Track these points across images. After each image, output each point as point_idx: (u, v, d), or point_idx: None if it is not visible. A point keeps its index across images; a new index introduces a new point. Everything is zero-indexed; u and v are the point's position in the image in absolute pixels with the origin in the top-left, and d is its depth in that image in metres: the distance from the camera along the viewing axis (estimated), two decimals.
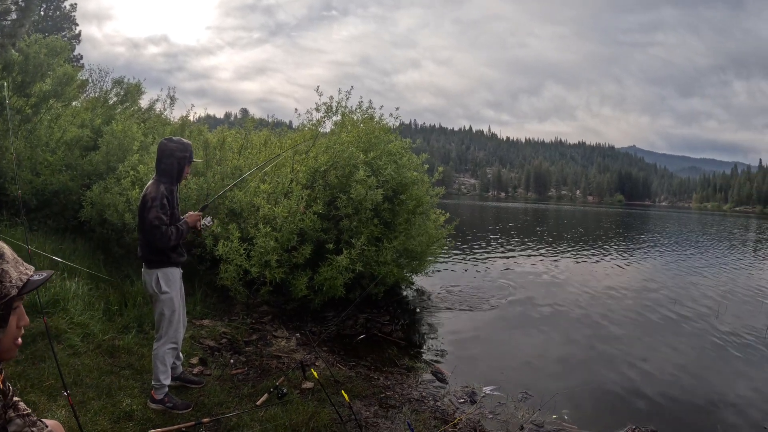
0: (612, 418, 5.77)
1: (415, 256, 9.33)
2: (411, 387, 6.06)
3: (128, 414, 4.27)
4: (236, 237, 7.29)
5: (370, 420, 4.95)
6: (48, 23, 34.70)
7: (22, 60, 10.54)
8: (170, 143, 4.40)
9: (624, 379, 6.99)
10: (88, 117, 11.84)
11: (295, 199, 7.68)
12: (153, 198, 4.22)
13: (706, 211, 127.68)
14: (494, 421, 5.48)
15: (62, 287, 6.31)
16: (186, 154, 4.42)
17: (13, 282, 1.55)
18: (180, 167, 4.41)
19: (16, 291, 1.55)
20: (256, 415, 4.56)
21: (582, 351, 8.20)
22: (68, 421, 3.87)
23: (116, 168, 9.10)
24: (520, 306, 10.81)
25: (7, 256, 1.58)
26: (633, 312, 10.83)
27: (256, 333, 7.06)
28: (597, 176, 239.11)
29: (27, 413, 1.99)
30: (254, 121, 10.94)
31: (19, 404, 1.99)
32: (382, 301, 9.27)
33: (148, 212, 4.20)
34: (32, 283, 1.61)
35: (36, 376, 4.56)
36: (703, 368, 7.68)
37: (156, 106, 13.75)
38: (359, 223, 8.18)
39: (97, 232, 8.88)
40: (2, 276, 1.54)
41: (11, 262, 1.59)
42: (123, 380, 4.86)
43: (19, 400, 2.01)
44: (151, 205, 4.20)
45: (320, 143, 9.16)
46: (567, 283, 13.80)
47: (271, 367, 5.92)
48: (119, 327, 6.17)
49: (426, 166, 10.19)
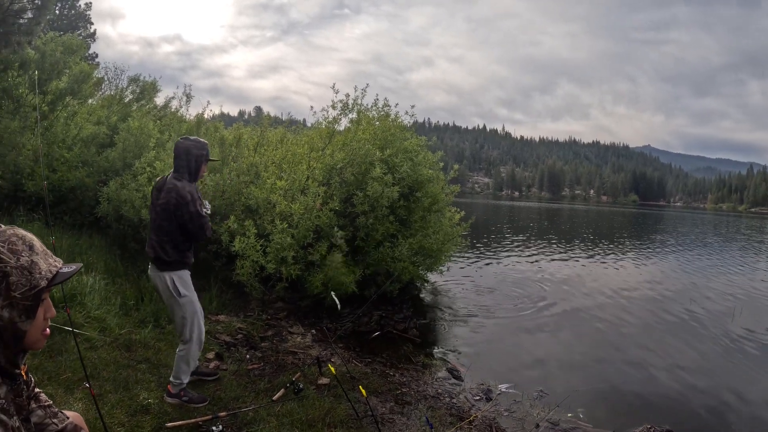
0: (627, 417, 5.72)
1: (430, 253, 9.29)
2: (426, 384, 6.03)
3: (145, 407, 4.27)
4: (252, 233, 7.28)
5: (386, 416, 4.92)
6: (63, 22, 34.94)
7: (38, 58, 10.62)
8: (186, 141, 4.37)
9: (639, 379, 6.94)
10: (104, 114, 11.90)
11: (311, 195, 7.67)
12: (190, 193, 4.22)
13: (722, 212, 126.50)
14: (510, 418, 5.45)
15: (79, 282, 6.33)
16: (203, 152, 4.39)
17: (43, 273, 1.56)
18: (197, 165, 4.38)
19: (45, 282, 1.56)
20: (272, 410, 4.55)
21: (597, 350, 8.13)
22: (85, 414, 3.87)
23: (132, 164, 9.13)
24: (535, 305, 10.73)
25: (36, 247, 1.59)
26: (648, 312, 10.72)
27: (271, 329, 7.05)
28: (611, 176, 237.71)
29: (48, 404, 2.00)
30: (270, 119, 10.94)
31: (41, 395, 2.00)
32: (397, 298, 9.25)
33: (190, 207, 4.19)
34: (61, 275, 1.62)
35: (53, 368, 4.58)
36: (719, 369, 7.59)
37: (172, 104, 13.80)
38: (375, 220, 8.16)
39: (113, 227, 8.91)
40: (32, 267, 1.54)
41: (41, 253, 1.60)
42: (140, 374, 4.86)
43: (41, 392, 2.01)
44: (191, 199, 4.21)
45: (336, 140, 9.15)
46: (582, 282, 13.69)
47: (286, 362, 5.91)
48: (136, 321, 6.19)
49: (441, 164, 10.15)
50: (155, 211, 4.32)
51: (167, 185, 4.28)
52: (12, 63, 10.33)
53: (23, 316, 1.53)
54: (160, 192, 4.34)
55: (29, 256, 1.55)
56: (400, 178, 8.39)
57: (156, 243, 4.25)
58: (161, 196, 4.27)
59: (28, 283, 1.52)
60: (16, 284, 1.50)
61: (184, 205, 4.18)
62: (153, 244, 4.26)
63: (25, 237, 1.59)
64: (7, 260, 1.50)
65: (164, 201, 4.22)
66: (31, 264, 1.54)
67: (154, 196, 4.41)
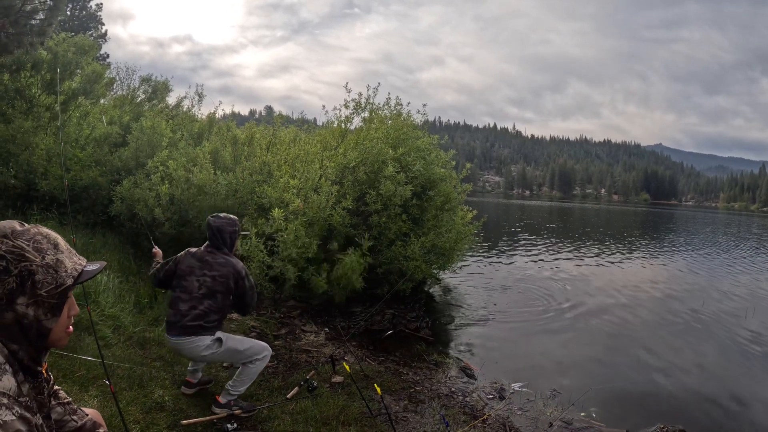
0: (640, 417, 5.69)
1: (442, 252, 9.26)
2: (440, 382, 6.02)
3: (160, 405, 4.27)
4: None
5: (400, 414, 4.91)
6: (74, 23, 35.16)
7: (50, 58, 10.68)
8: (218, 221, 4.48)
9: (652, 379, 6.90)
10: (116, 114, 11.96)
11: (324, 194, 7.66)
12: (244, 268, 4.43)
13: (733, 211, 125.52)
14: (523, 417, 5.44)
15: (93, 280, 6.34)
16: (236, 228, 4.54)
17: (69, 272, 1.57)
18: (232, 242, 4.53)
19: (71, 280, 1.57)
20: (286, 408, 4.55)
21: (610, 350, 8.08)
22: (101, 411, 3.87)
23: (145, 164, 9.16)
24: (548, 304, 10.68)
25: (61, 246, 1.60)
26: (660, 312, 10.65)
27: (284, 327, 7.06)
28: (622, 175, 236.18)
29: (68, 401, 2.00)
30: (282, 118, 10.95)
31: (60, 393, 2.00)
32: (410, 297, 9.24)
33: (246, 281, 4.40)
34: (86, 273, 1.63)
35: (68, 366, 4.58)
36: (732, 369, 7.52)
37: (183, 103, 13.84)
38: (388, 219, 8.15)
39: (126, 226, 8.95)
40: (58, 265, 1.55)
41: (65, 252, 1.60)
42: (154, 371, 4.87)
43: (60, 389, 2.01)
44: (246, 274, 4.40)
45: (349, 139, 9.14)
46: (594, 282, 13.62)
47: (300, 360, 5.91)
48: (149, 319, 6.20)
49: (453, 162, 10.12)
50: (205, 279, 4.31)
51: (216, 259, 4.37)
52: (25, 63, 10.40)
53: (49, 314, 1.54)
54: (201, 262, 4.38)
55: (54, 254, 1.56)
56: (412, 177, 8.38)
57: (204, 310, 4.22)
58: (214, 267, 4.33)
59: (54, 282, 1.53)
60: (42, 282, 1.51)
61: (241, 279, 4.36)
62: (197, 312, 4.21)
63: (50, 235, 1.59)
64: (32, 259, 1.50)
65: (220, 273, 4.31)
66: (56, 262, 1.55)
67: (195, 265, 4.39)
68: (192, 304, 4.22)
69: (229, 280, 4.31)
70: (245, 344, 4.31)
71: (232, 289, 4.35)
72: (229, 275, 4.31)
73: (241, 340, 4.33)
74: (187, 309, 4.21)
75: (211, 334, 4.19)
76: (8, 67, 10.27)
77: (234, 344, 4.24)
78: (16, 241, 1.50)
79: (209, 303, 4.23)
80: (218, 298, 4.27)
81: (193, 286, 4.28)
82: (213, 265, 4.34)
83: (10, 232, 1.51)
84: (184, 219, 8.43)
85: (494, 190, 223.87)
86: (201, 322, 4.17)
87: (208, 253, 4.42)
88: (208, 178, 8.17)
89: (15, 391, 1.48)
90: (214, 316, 4.23)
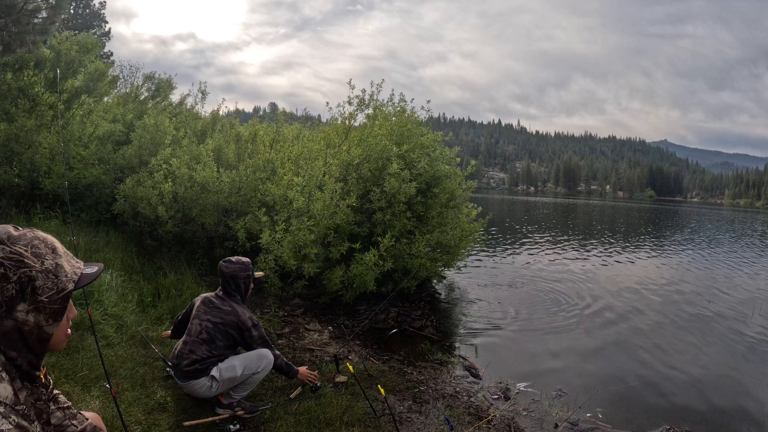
0: (646, 418, 5.64)
1: (447, 249, 9.21)
2: (444, 382, 5.97)
3: (162, 405, 4.25)
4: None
5: (405, 415, 4.87)
6: (78, 21, 35.22)
7: (53, 57, 10.65)
8: (231, 266, 4.46)
9: (659, 380, 6.82)
10: (120, 112, 11.94)
11: (328, 192, 7.62)
12: (251, 319, 4.39)
13: (738, 208, 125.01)
14: (528, 418, 5.39)
15: (96, 279, 6.32)
16: (249, 273, 4.54)
17: (69, 276, 1.55)
18: (246, 286, 4.55)
19: (72, 285, 1.55)
20: (290, 408, 4.51)
21: (615, 350, 8.00)
22: (103, 412, 3.85)
23: (149, 162, 9.14)
24: (553, 303, 10.61)
25: (59, 249, 1.57)
26: (667, 311, 10.55)
27: (288, 326, 7.02)
28: (627, 171, 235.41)
29: (67, 406, 1.99)
30: (286, 115, 10.91)
31: (59, 397, 1.98)
32: (414, 295, 9.20)
33: (253, 332, 4.36)
34: (86, 277, 1.61)
35: (70, 366, 4.57)
36: (738, 370, 7.43)
37: (187, 101, 13.81)
38: (392, 216, 8.10)
39: (130, 224, 8.93)
40: (58, 270, 1.52)
41: (64, 256, 1.58)
42: (157, 371, 4.84)
43: (59, 393, 1.99)
44: (252, 325, 4.36)
45: (353, 136, 9.10)
46: (600, 280, 13.53)
47: (304, 360, 5.88)
48: (153, 318, 6.18)
49: (458, 159, 10.07)
50: (207, 324, 4.27)
51: (224, 306, 4.36)
52: (27, 62, 10.37)
53: (50, 319, 1.52)
54: (208, 306, 4.37)
55: (53, 259, 1.53)
56: (417, 174, 8.32)
57: (201, 356, 4.17)
58: (218, 314, 4.31)
59: (55, 287, 1.50)
60: (43, 288, 1.48)
61: (247, 330, 4.32)
62: (195, 357, 4.17)
63: (47, 239, 1.56)
64: (32, 264, 1.47)
65: (222, 321, 4.29)
66: (56, 267, 1.52)
67: (201, 309, 4.37)
68: (191, 347, 4.20)
69: (231, 329, 4.29)
70: (239, 367, 4.22)
71: (237, 339, 4.34)
72: (233, 325, 4.29)
73: (233, 365, 4.22)
74: (187, 352, 4.18)
75: (207, 375, 4.16)
76: (11, 66, 10.24)
77: (229, 374, 4.19)
78: (14, 247, 1.47)
79: (206, 349, 4.19)
80: (218, 345, 4.24)
81: (195, 329, 4.27)
82: (218, 310, 4.32)
83: (6, 238, 1.47)
84: (188, 217, 8.41)
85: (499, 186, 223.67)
86: (197, 366, 4.14)
87: (218, 298, 4.43)
88: (211, 176, 8.14)
89: (12, 400, 1.45)
90: (212, 360, 4.19)
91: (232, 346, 4.33)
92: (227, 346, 4.28)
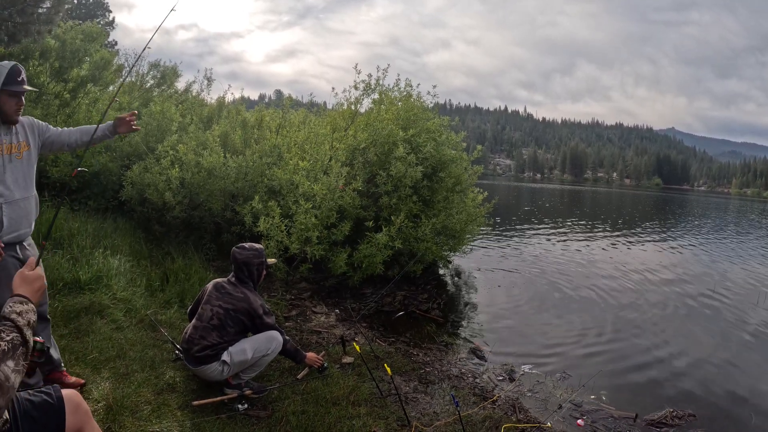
0: (650, 401, 5.68)
1: (453, 233, 9.24)
2: (450, 363, 6.03)
3: (171, 386, 4.29)
4: (277, 213, 7.30)
5: (410, 395, 4.92)
6: (81, 11, 35.19)
7: (58, 46, 10.66)
8: (244, 252, 4.49)
9: (662, 364, 6.88)
10: (125, 100, 11.95)
11: (334, 176, 7.65)
12: (262, 306, 4.43)
13: (746, 197, 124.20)
14: (533, 399, 5.44)
15: (105, 264, 6.38)
16: (262, 259, 4.57)
17: None
18: (259, 273, 4.58)
19: None
20: (297, 388, 4.56)
21: (620, 334, 8.02)
22: (113, 393, 3.90)
23: (155, 148, 9.16)
24: (558, 287, 10.65)
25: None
26: (671, 297, 10.56)
27: (295, 309, 7.07)
28: (634, 159, 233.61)
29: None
30: (291, 100, 10.92)
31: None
32: (420, 278, 9.23)
33: (265, 319, 4.40)
34: None
35: (80, 349, 4.61)
36: (741, 356, 7.45)
37: (192, 88, 13.82)
38: (398, 200, 8.13)
39: (137, 211, 8.97)
40: None
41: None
42: (165, 353, 4.89)
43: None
44: (263, 312, 4.40)
45: (359, 121, 9.11)
46: (606, 265, 13.54)
47: (311, 341, 5.93)
48: (161, 302, 6.23)
49: (464, 144, 10.07)
50: (218, 310, 4.30)
51: (236, 292, 4.39)
52: (33, 52, 10.38)
53: None
54: (220, 291, 4.40)
55: None
56: (423, 158, 8.34)
57: (212, 342, 4.21)
58: (229, 300, 4.35)
59: None
60: None
61: (258, 318, 4.36)
62: (205, 344, 4.21)
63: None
64: None
65: (233, 307, 4.32)
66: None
67: (213, 294, 4.40)
68: (201, 333, 4.24)
69: (242, 316, 4.32)
70: (250, 350, 4.27)
71: (248, 326, 4.38)
72: (244, 312, 4.32)
73: (243, 349, 4.26)
74: (197, 338, 4.22)
75: (218, 360, 4.20)
76: (16, 57, 10.25)
77: (240, 357, 4.23)
78: None
79: (217, 335, 4.23)
80: (228, 331, 4.27)
81: (207, 315, 4.30)
82: (229, 297, 4.35)
83: None
84: (195, 202, 8.45)
85: (505, 173, 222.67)
86: (208, 352, 4.19)
87: (230, 284, 4.45)
88: (218, 162, 8.17)
89: None
90: (223, 345, 4.23)
91: (242, 331, 4.37)
92: (238, 332, 4.32)
